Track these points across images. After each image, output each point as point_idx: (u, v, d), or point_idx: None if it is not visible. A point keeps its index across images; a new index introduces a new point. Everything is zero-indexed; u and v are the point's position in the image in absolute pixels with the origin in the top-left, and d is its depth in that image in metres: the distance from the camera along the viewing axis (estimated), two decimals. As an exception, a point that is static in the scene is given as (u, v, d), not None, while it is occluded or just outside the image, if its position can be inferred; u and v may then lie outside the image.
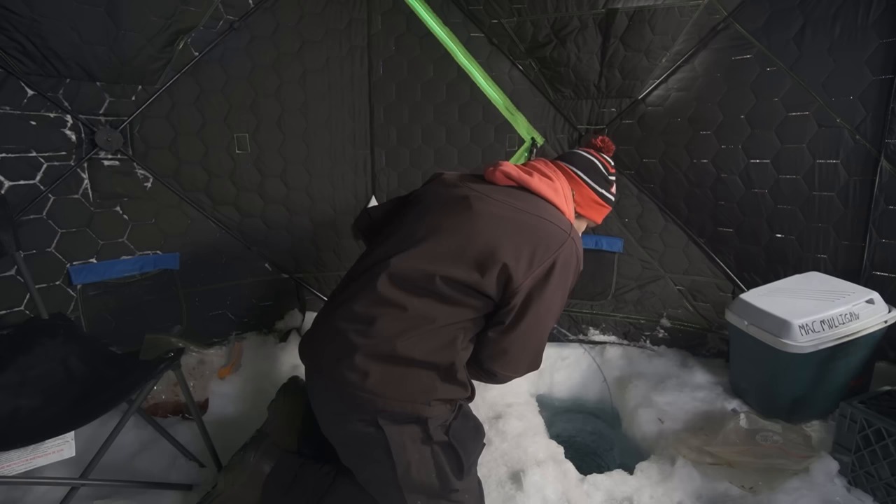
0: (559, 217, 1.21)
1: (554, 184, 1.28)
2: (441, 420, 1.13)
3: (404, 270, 1.11)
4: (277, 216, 2.35)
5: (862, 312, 1.65)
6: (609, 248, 2.38)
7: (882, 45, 1.71)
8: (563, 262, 1.12)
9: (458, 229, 1.13)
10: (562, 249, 1.12)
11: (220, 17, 2.02)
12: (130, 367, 1.43)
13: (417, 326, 1.07)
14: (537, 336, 1.17)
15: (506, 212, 1.15)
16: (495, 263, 1.08)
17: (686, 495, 1.50)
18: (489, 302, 1.13)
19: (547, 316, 1.15)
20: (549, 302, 1.12)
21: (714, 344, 2.27)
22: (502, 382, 1.26)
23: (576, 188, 1.36)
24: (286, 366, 2.12)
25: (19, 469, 1.18)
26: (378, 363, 1.06)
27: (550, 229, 1.15)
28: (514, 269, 1.08)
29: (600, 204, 1.41)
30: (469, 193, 1.19)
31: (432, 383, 1.10)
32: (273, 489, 1.26)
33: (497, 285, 1.09)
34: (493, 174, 1.28)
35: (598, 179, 1.39)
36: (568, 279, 1.16)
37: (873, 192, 1.80)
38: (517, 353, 1.16)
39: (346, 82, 2.35)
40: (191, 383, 1.79)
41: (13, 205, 1.66)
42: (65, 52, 1.68)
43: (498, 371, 1.18)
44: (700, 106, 2.10)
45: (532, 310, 1.10)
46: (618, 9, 1.97)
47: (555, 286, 1.12)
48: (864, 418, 1.42)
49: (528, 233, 1.12)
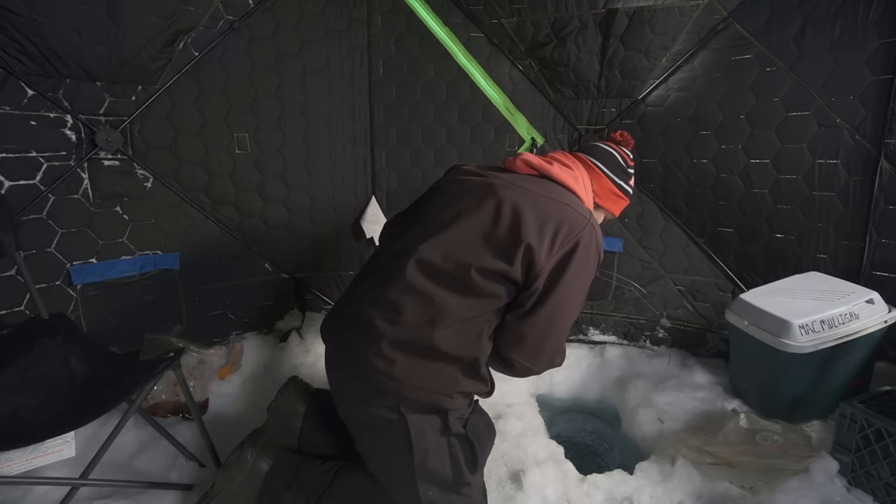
0: (579, 204, 1.22)
1: (574, 173, 1.29)
2: (460, 413, 1.15)
3: (433, 258, 1.11)
4: (277, 216, 2.35)
5: (862, 312, 1.65)
6: (609, 248, 2.38)
7: (882, 45, 1.71)
8: (585, 246, 1.12)
9: (485, 215, 1.13)
10: (583, 233, 1.12)
11: (220, 17, 2.02)
12: (130, 367, 1.43)
13: (445, 318, 1.07)
14: (558, 325, 1.15)
15: (529, 197, 1.15)
16: (520, 244, 1.08)
17: (686, 495, 1.50)
18: (514, 289, 1.13)
19: (568, 303, 1.14)
20: (571, 287, 1.12)
21: (714, 344, 2.27)
22: (521, 375, 1.23)
23: (595, 179, 1.38)
24: (286, 366, 2.12)
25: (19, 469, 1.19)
26: (404, 352, 1.07)
27: (572, 214, 1.15)
28: (537, 250, 1.08)
29: (619, 196, 1.43)
30: (493, 181, 1.20)
31: (455, 376, 1.11)
32: (274, 486, 1.26)
33: (522, 268, 1.09)
34: (514, 163, 1.31)
35: (618, 171, 1.41)
36: (590, 265, 1.16)
37: (873, 192, 1.80)
38: (536, 341, 1.14)
39: (346, 82, 2.35)
40: (191, 383, 1.79)
41: (13, 205, 1.66)
42: (65, 52, 1.68)
43: (516, 359, 1.17)
44: (700, 106, 2.10)
45: (554, 294, 1.09)
46: (618, 9, 1.97)
47: (576, 271, 1.11)
48: (864, 418, 1.42)
49: (551, 216, 1.12)
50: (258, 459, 1.29)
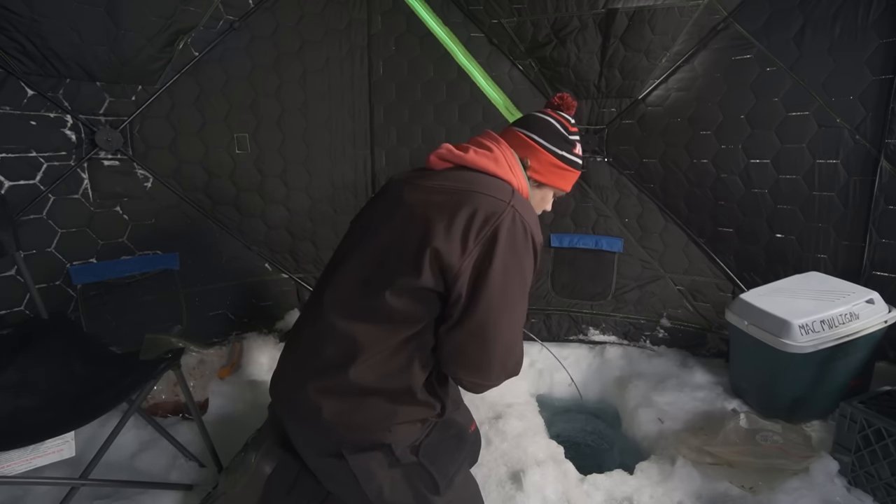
0: (498, 187, 1.06)
1: (493, 154, 1.14)
2: (409, 441, 1.07)
3: (347, 293, 1.03)
4: (277, 216, 2.35)
5: (862, 312, 1.65)
6: (609, 248, 2.38)
7: (882, 45, 1.71)
8: (508, 233, 0.97)
9: (395, 230, 1.03)
10: (502, 219, 0.97)
11: (220, 17, 2.02)
12: (130, 367, 1.43)
13: (362, 353, 0.99)
14: (498, 330, 0.99)
15: (436, 196, 1.03)
16: (425, 250, 0.95)
17: (686, 495, 1.50)
18: (438, 303, 1.01)
19: (504, 303, 0.98)
20: (503, 285, 0.97)
21: (714, 344, 2.27)
22: (475, 391, 1.10)
23: (531, 154, 1.20)
24: (286, 366, 2.12)
25: (19, 469, 1.19)
26: (329, 396, 1.01)
27: (486, 201, 1.00)
28: (445, 252, 0.95)
29: (562, 168, 1.22)
30: (403, 189, 1.09)
31: (391, 408, 1.02)
32: (275, 490, 1.26)
33: (434, 276, 0.96)
34: (430, 160, 1.17)
35: (557, 140, 1.21)
36: (519, 254, 1.00)
37: (873, 192, 1.80)
38: (476, 353, 1.00)
39: (346, 82, 2.35)
40: (191, 383, 1.78)
41: (13, 205, 1.66)
42: (65, 52, 1.68)
43: (463, 377, 1.04)
44: (700, 106, 2.10)
45: (483, 296, 0.95)
46: (618, 9, 1.97)
47: (504, 264, 0.96)
48: (864, 418, 1.42)
49: (460, 209, 0.98)
50: (262, 462, 1.28)
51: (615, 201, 2.38)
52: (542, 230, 2.47)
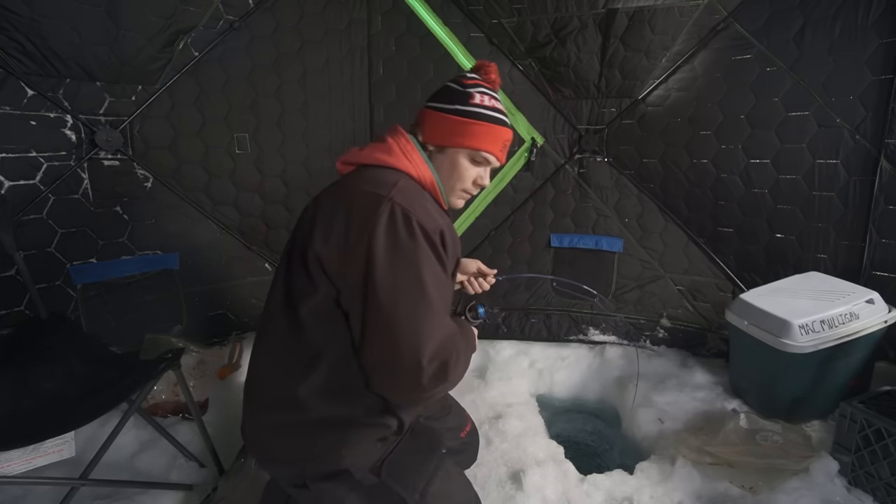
0: (379, 181, 0.99)
1: (387, 143, 1.09)
2: (369, 463, 1.03)
3: (273, 321, 1.02)
4: (277, 216, 2.35)
5: (862, 312, 1.65)
6: (609, 248, 2.38)
7: (882, 45, 1.71)
8: (387, 227, 0.90)
9: (294, 245, 1.02)
10: (379, 213, 0.91)
11: (220, 17, 2.02)
12: (130, 367, 1.43)
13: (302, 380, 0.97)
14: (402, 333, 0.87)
15: (324, 203, 1.01)
16: (308, 257, 0.94)
17: (686, 495, 1.50)
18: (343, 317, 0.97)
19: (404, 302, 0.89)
20: (392, 286, 0.88)
21: (714, 344, 2.26)
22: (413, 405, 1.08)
23: (428, 123, 1.12)
24: (286, 366, 2.12)
25: (19, 469, 1.19)
26: (280, 433, 1.01)
27: (362, 198, 0.95)
28: (326, 257, 0.92)
29: (459, 122, 1.09)
30: (311, 203, 1.07)
31: (341, 435, 0.99)
32: (273, 496, 1.26)
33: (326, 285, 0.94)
34: (337, 166, 1.14)
35: (446, 97, 1.12)
36: (404, 251, 0.91)
37: (873, 192, 1.80)
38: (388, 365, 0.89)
39: (346, 82, 2.35)
40: (191, 383, 1.79)
41: (13, 205, 1.66)
42: (65, 52, 1.68)
43: (385, 391, 0.97)
44: (700, 106, 2.10)
45: (376, 300, 0.88)
46: (618, 9, 1.97)
47: (391, 262, 0.89)
48: (864, 418, 1.42)
49: (337, 211, 0.95)
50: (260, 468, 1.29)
51: (615, 201, 2.38)
52: (542, 230, 2.50)
